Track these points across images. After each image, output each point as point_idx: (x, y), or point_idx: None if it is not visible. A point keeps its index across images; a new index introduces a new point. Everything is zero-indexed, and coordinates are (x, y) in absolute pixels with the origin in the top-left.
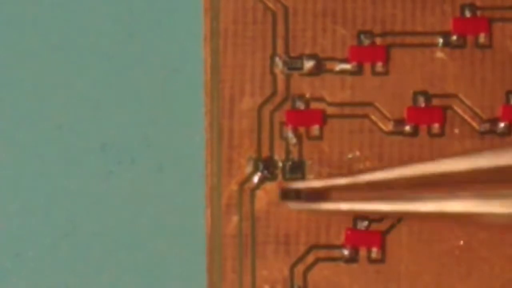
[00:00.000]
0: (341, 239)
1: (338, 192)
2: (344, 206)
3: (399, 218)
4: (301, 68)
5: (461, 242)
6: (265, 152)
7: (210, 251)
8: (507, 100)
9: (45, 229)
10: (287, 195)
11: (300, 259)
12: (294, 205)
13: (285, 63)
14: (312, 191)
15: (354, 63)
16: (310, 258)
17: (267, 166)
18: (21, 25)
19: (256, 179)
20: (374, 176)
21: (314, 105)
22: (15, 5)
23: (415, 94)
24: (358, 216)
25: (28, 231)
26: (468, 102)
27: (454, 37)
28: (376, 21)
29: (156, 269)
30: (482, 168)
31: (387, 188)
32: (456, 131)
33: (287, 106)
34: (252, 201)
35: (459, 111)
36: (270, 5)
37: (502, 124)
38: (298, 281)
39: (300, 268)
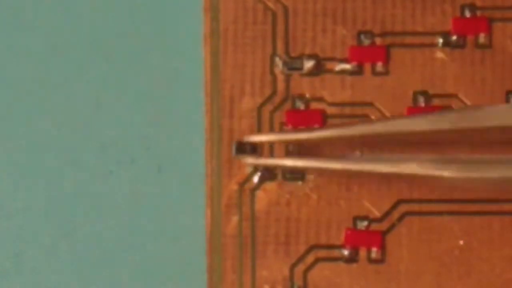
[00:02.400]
0: (341, 239)
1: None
2: (300, 162)
3: (399, 218)
4: (301, 68)
5: (461, 242)
6: (265, 153)
7: (210, 251)
8: (507, 100)
9: (45, 229)
10: (241, 149)
11: (300, 259)
12: (248, 159)
13: (285, 63)
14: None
15: (354, 63)
16: (310, 258)
17: (267, 166)
18: (21, 25)
19: (256, 179)
20: (332, 132)
21: (314, 105)
22: (15, 5)
23: (415, 94)
24: (358, 216)
25: (28, 231)
26: (468, 102)
27: (454, 37)
28: (376, 21)
29: (156, 269)
30: (442, 129)
31: (345, 145)
32: None
33: (287, 106)
34: (252, 201)
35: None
36: (270, 5)
37: None
38: (298, 281)
39: (300, 268)
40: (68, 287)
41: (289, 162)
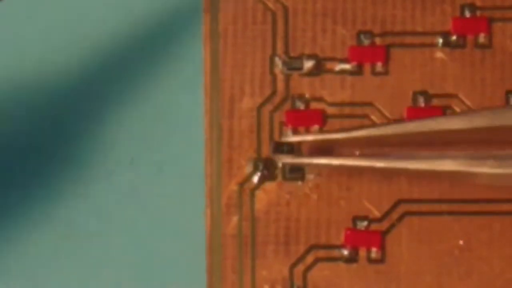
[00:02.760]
0: (341, 239)
1: (336, 149)
2: (336, 161)
3: (399, 218)
4: (301, 68)
5: (461, 242)
6: (265, 152)
7: (210, 251)
8: (507, 100)
9: (45, 229)
10: (279, 148)
11: (300, 259)
12: (286, 159)
13: (285, 63)
14: (313, 149)
15: (354, 63)
16: (310, 258)
17: (267, 166)
18: (21, 25)
19: (256, 179)
20: (368, 131)
21: (314, 105)
22: (15, 5)
23: (415, 94)
24: (357, 216)
25: (28, 231)
26: (468, 102)
27: (454, 37)
28: (376, 21)
29: (156, 269)
30: (478, 127)
31: (381, 145)
32: None
33: (287, 106)
34: (252, 201)
35: (459, 111)
36: (270, 5)
37: None
38: (297, 281)
39: (300, 268)
40: (68, 287)
41: (324, 161)
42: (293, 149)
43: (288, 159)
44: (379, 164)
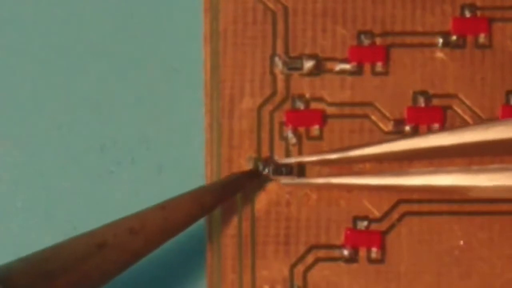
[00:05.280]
0: (341, 239)
1: (328, 168)
2: (335, 180)
3: (399, 218)
4: (301, 68)
5: (461, 242)
6: (265, 152)
7: (210, 251)
8: (507, 100)
9: (45, 229)
10: (278, 170)
11: (300, 259)
12: (286, 180)
13: (285, 63)
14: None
15: (354, 63)
16: (310, 258)
17: (267, 166)
18: (21, 25)
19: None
20: (363, 151)
21: (314, 105)
22: (15, 5)
23: (415, 94)
24: (357, 216)
25: (28, 231)
26: (468, 102)
27: (454, 37)
28: (376, 21)
29: (156, 269)
30: (469, 142)
31: (377, 161)
32: None
33: (287, 106)
34: (252, 201)
35: (459, 111)
36: (270, 5)
37: None
38: (298, 281)
39: (300, 268)
40: None
41: (322, 181)
42: (292, 170)
43: (288, 180)
44: (375, 181)
